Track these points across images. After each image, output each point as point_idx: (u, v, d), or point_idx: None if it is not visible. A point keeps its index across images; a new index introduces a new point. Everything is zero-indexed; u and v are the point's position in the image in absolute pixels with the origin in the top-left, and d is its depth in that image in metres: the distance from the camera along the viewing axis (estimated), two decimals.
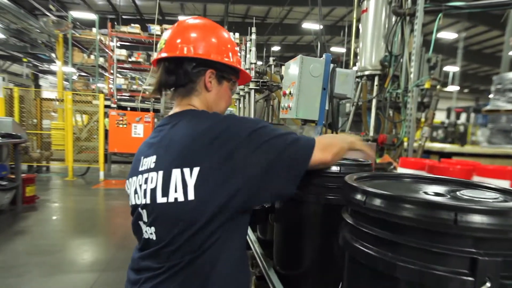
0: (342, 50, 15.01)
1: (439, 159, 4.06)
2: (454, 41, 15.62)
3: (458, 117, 11.55)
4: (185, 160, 0.89)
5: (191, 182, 0.87)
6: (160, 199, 0.90)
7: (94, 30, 10.99)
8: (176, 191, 0.88)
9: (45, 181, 7.75)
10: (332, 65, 2.52)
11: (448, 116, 11.53)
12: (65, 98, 7.81)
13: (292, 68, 2.58)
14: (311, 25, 15.82)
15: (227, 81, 1.11)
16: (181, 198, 0.87)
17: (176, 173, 0.89)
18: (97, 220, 5.30)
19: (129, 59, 12.34)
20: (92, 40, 11.17)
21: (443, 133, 10.33)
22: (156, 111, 8.00)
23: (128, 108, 8.25)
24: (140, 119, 7.50)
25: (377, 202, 0.64)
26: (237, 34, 11.87)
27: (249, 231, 1.71)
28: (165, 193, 0.90)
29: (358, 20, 4.72)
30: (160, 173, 0.92)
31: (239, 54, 1.15)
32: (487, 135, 7.92)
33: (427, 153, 4.08)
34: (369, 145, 1.23)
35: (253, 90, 3.35)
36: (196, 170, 0.87)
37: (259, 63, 3.66)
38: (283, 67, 4.24)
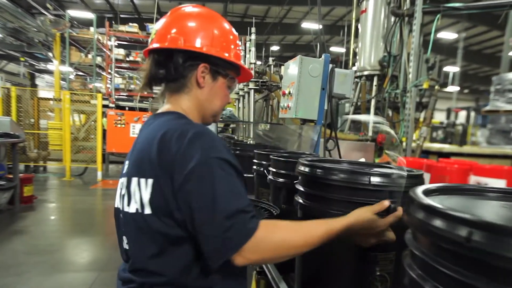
0: (342, 50, 15.08)
1: (437, 159, 4.12)
2: (454, 41, 15.71)
3: (456, 117, 11.63)
4: (140, 169, 0.86)
5: (146, 194, 0.83)
6: (126, 208, 0.88)
7: (92, 29, 11.03)
8: (135, 202, 0.85)
9: (43, 181, 7.78)
10: (331, 65, 2.57)
11: (448, 117, 11.62)
12: (63, 98, 7.84)
13: (292, 68, 2.63)
14: (310, 25, 15.89)
15: (223, 77, 1.00)
16: (140, 209, 0.84)
17: (134, 182, 0.86)
18: (95, 220, 5.34)
19: (127, 59, 12.39)
20: (89, 39, 11.20)
21: (443, 133, 10.41)
22: (154, 110, 8.06)
23: (127, 108, 8.28)
24: (138, 119, 7.54)
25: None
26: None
27: None
28: (129, 202, 0.87)
29: (358, 20, 4.79)
30: (125, 179, 0.90)
31: (241, 48, 1.05)
32: (487, 136, 7.98)
33: (426, 153, 4.14)
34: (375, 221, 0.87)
35: (252, 90, 3.40)
36: (150, 182, 0.82)
37: (258, 62, 3.71)
38: (282, 67, 4.29)
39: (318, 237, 0.81)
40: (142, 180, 0.84)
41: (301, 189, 1.08)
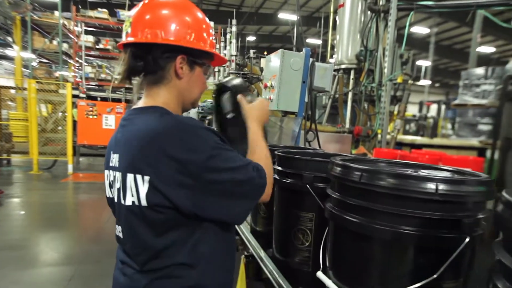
0: (318, 41, 15.36)
1: (410, 150, 4.41)
2: (426, 36, 16.40)
3: (428, 110, 12.23)
4: (136, 166, 0.90)
5: (143, 189, 0.89)
6: (122, 200, 0.94)
7: (57, 13, 10.58)
8: (132, 195, 0.91)
9: (7, 175, 7.50)
10: (311, 60, 2.72)
11: (420, 110, 12.21)
12: (28, 87, 7.55)
13: (273, 61, 2.75)
14: (287, 16, 16.05)
15: (200, 66, 1.05)
16: (136, 203, 0.91)
17: (130, 177, 0.91)
18: (69, 214, 5.27)
19: (97, 46, 12.01)
20: (54, 24, 10.75)
21: (415, 126, 10.95)
22: (128, 101, 7.90)
23: (98, 98, 8.09)
24: (111, 110, 7.40)
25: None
26: (211, 23, 11.83)
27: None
28: (124, 195, 0.93)
29: (335, 12, 4.96)
30: (120, 174, 0.95)
31: (213, 36, 1.08)
32: (456, 129, 8.52)
33: (400, 144, 4.41)
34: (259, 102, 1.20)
35: None
36: (146, 178, 0.88)
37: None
38: (262, 59, 4.40)
39: (264, 146, 1.10)
40: (139, 176, 0.89)
41: (334, 196, 0.95)
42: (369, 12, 4.04)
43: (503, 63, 9.07)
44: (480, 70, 7.57)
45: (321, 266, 1.08)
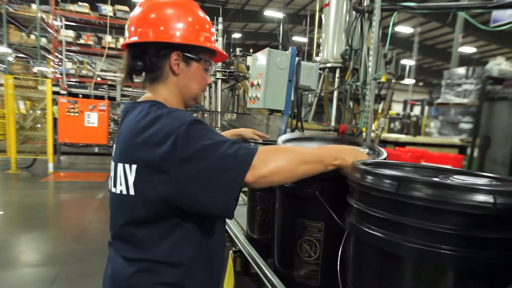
0: (304, 39, 15.50)
1: (394, 148, 4.56)
2: (410, 35, 16.78)
3: (412, 109, 12.53)
4: (126, 156, 0.95)
5: (131, 178, 0.93)
6: (113, 189, 1.00)
7: (34, 6, 10.32)
8: (121, 184, 0.96)
9: None
10: (297, 58, 2.78)
11: (404, 109, 12.50)
12: (5, 82, 7.35)
13: (260, 59, 2.80)
14: (273, 13, 16.12)
15: (197, 61, 1.06)
16: (124, 191, 0.95)
17: (120, 167, 0.96)
18: (50, 214, 5.19)
19: (78, 41, 11.77)
20: (31, 17, 10.47)
21: (400, 124, 11.22)
22: (111, 98, 7.80)
23: (80, 95, 7.95)
24: (94, 107, 7.29)
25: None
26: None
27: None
28: (115, 184, 0.99)
29: (321, 10, 5.05)
30: (113, 164, 1.01)
31: (213, 30, 1.10)
32: (438, 127, 8.80)
33: (384, 142, 4.54)
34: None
35: (220, 80, 3.52)
36: (134, 167, 0.92)
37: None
38: (248, 57, 4.45)
39: (312, 155, 0.96)
40: (127, 166, 0.94)
41: (356, 206, 0.85)
42: (353, 12, 4.13)
43: (484, 63, 9.39)
44: (461, 70, 7.84)
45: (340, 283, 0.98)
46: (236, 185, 0.87)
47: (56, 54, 11.11)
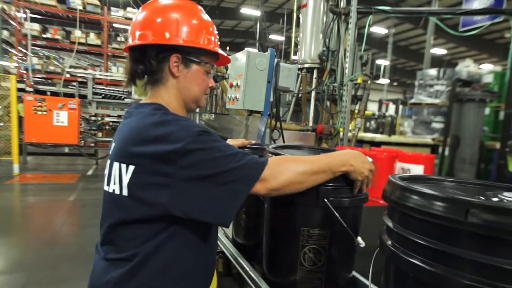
0: (281, 38, 15.66)
1: (370, 147, 4.74)
2: (384, 36, 17.32)
3: (387, 108, 12.96)
4: (122, 156, 0.96)
5: (125, 179, 0.93)
6: (106, 187, 1.01)
7: None
8: (114, 183, 0.97)
9: None
10: (276, 60, 2.85)
11: (379, 108, 12.91)
12: None
13: (239, 60, 2.85)
14: (249, 11, 16.17)
15: (197, 64, 1.07)
16: (117, 191, 0.95)
17: (116, 166, 0.97)
18: (17, 219, 5.00)
19: (44, 35, 11.33)
20: None
21: (375, 124, 11.59)
22: (82, 96, 7.58)
23: (48, 93, 7.67)
24: (63, 106, 7.06)
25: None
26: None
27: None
28: (109, 182, 1.00)
29: (298, 8, 5.16)
30: (109, 162, 1.02)
31: (212, 34, 1.10)
32: (412, 126, 9.17)
33: (360, 142, 4.70)
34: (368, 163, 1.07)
35: None
36: (131, 168, 0.92)
37: None
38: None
39: (320, 164, 0.99)
40: (123, 166, 0.94)
41: (396, 230, 0.76)
42: (330, 14, 4.25)
43: (454, 65, 9.86)
44: (433, 71, 8.20)
45: None
46: (240, 197, 0.91)
47: (20, 48, 10.65)
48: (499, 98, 6.35)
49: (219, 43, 1.16)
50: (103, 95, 7.94)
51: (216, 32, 1.12)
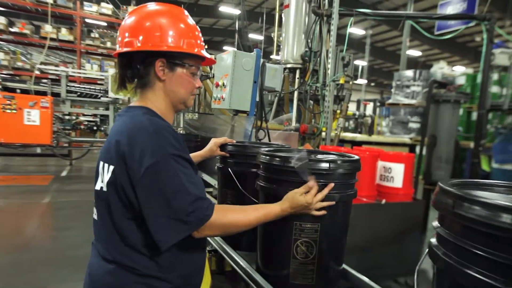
0: (260, 37, 15.76)
1: (351, 146, 4.89)
2: (362, 37, 17.78)
3: (365, 108, 13.31)
4: (107, 156, 1.06)
5: (107, 176, 1.04)
6: (96, 185, 1.11)
7: None
8: (101, 181, 1.07)
9: None
10: (262, 60, 2.91)
11: (358, 108, 13.26)
12: None
13: (225, 60, 2.90)
14: (228, 9, 16.18)
15: (181, 67, 1.13)
16: (104, 188, 1.06)
17: (101, 165, 1.08)
18: None
19: (10, 29, 10.89)
20: None
21: (354, 123, 11.89)
22: (55, 94, 7.35)
23: (18, 90, 7.39)
24: (35, 104, 6.83)
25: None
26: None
27: None
28: (96, 180, 1.11)
29: (280, 5, 5.25)
30: (98, 161, 1.12)
31: (195, 37, 1.15)
32: (390, 126, 9.49)
33: (342, 141, 4.85)
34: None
35: None
36: (111, 167, 1.03)
37: None
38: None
39: (257, 219, 1.12)
40: (106, 165, 1.06)
41: (452, 240, 0.73)
42: (313, 15, 4.36)
43: (428, 66, 10.28)
44: (409, 73, 8.51)
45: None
46: (181, 235, 1.00)
47: None
48: (472, 100, 6.71)
49: (204, 43, 1.22)
50: (78, 93, 7.75)
51: (200, 34, 1.18)
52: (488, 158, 5.00)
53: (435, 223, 0.81)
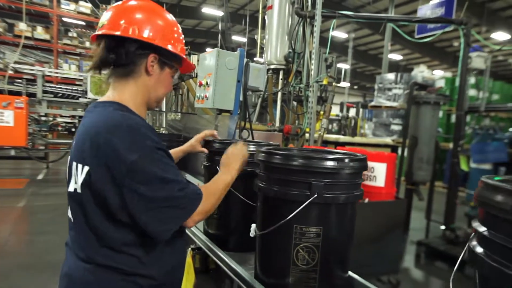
0: (243, 39, 15.83)
1: (335, 147, 4.97)
2: (345, 40, 18.11)
3: (348, 111, 13.55)
4: (79, 156, 1.02)
5: (81, 177, 1.01)
6: (68, 187, 1.07)
7: None
8: (75, 183, 1.03)
9: None
10: (246, 60, 2.94)
11: (341, 110, 13.47)
12: None
13: (208, 60, 2.91)
14: (211, 10, 16.19)
15: (169, 67, 1.17)
16: (78, 190, 1.02)
17: (74, 166, 1.04)
18: None
19: None
20: None
21: (337, 125, 12.08)
22: (30, 95, 7.16)
23: None
24: (8, 104, 6.63)
25: None
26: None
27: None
28: (69, 182, 1.07)
29: (264, 7, 5.31)
30: (69, 163, 1.09)
31: (183, 43, 1.21)
32: (372, 128, 9.70)
33: (325, 143, 4.93)
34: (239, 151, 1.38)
35: None
36: (86, 168, 0.99)
37: None
38: (193, 56, 4.51)
39: (226, 188, 1.23)
40: (80, 166, 1.02)
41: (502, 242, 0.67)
42: (296, 16, 4.43)
43: (409, 70, 10.57)
44: (391, 76, 8.75)
45: None
46: (179, 222, 1.04)
47: None
48: (451, 102, 6.94)
49: (188, 51, 1.28)
50: (55, 93, 7.57)
51: (183, 39, 1.23)
52: (467, 158, 5.19)
53: (477, 224, 0.76)
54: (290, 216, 1.09)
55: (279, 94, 4.53)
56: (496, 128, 5.06)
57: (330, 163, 1.10)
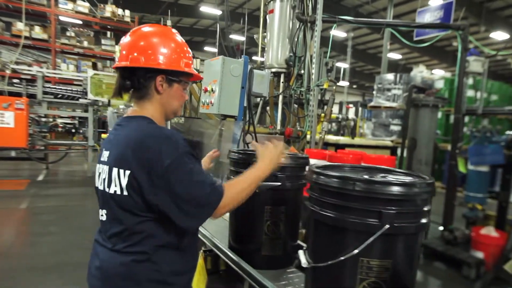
0: (242, 38, 15.91)
1: (335, 149, 5.10)
2: (344, 39, 18.23)
3: (347, 111, 13.67)
4: (121, 162, 1.20)
5: (124, 181, 1.18)
6: (106, 189, 1.24)
7: None
8: (115, 186, 1.21)
9: None
10: (250, 67, 3.07)
11: (340, 111, 13.61)
12: None
13: (214, 66, 3.04)
14: (209, 9, 16.26)
15: (177, 83, 1.35)
16: (118, 192, 1.20)
17: (115, 171, 1.21)
18: None
19: None
20: None
21: (336, 126, 12.21)
22: (31, 96, 7.23)
23: None
24: (9, 106, 6.72)
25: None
26: (127, 12, 11.47)
27: None
28: (109, 185, 1.23)
29: (265, 5, 5.43)
30: (107, 167, 1.25)
31: (188, 57, 1.37)
32: (372, 128, 9.82)
33: (326, 144, 5.06)
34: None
35: None
36: (127, 172, 1.17)
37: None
38: (195, 60, 4.63)
39: (256, 181, 1.35)
40: (121, 171, 1.20)
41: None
42: (297, 21, 4.55)
43: (409, 70, 10.70)
44: (390, 76, 8.86)
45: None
46: (206, 216, 1.23)
47: None
48: (450, 103, 7.08)
49: (192, 62, 1.44)
50: (55, 94, 7.65)
51: (190, 50, 1.40)
52: (465, 160, 5.32)
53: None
54: (359, 249, 1.02)
55: (280, 97, 4.66)
56: (493, 131, 5.20)
57: (399, 189, 1.02)
